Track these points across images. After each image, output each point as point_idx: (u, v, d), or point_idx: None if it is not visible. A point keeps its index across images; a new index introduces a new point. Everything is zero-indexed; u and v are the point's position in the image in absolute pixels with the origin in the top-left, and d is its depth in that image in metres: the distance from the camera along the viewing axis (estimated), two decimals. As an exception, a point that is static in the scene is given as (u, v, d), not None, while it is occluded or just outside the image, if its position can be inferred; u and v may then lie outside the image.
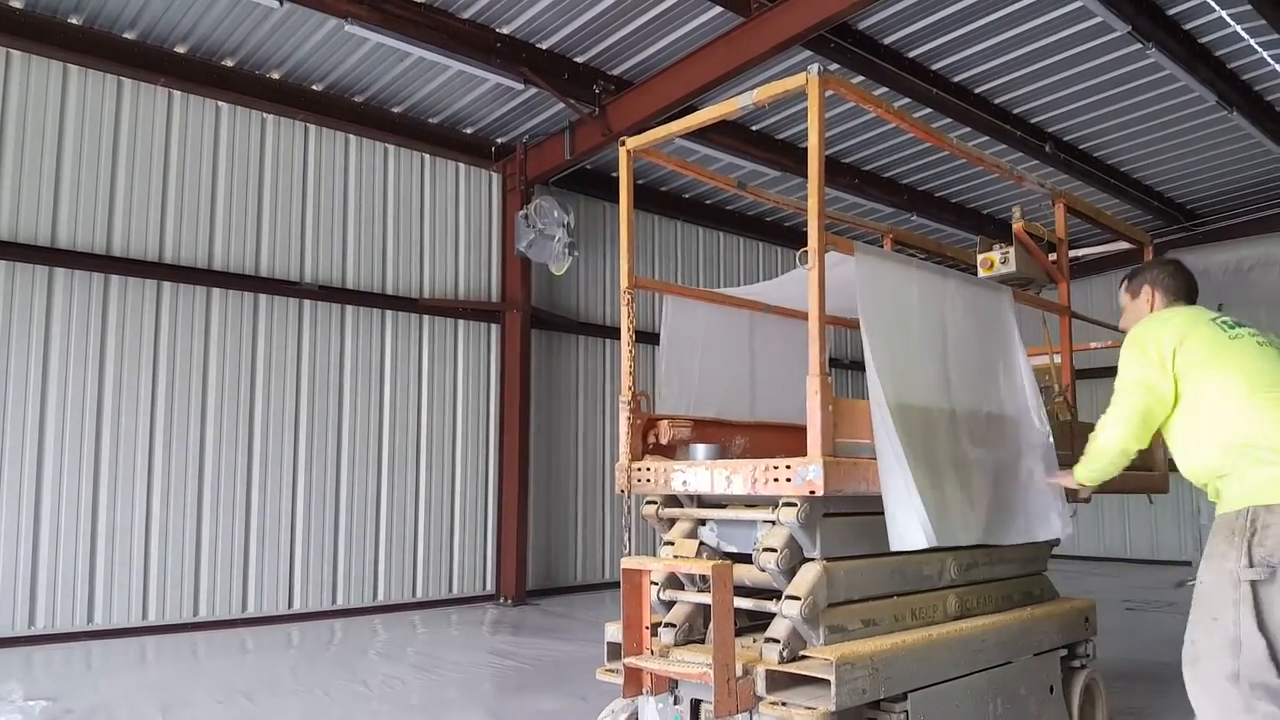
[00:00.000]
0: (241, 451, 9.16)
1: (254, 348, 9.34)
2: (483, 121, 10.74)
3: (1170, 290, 3.76)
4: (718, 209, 13.72)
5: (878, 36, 8.76)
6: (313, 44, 8.87)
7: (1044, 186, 5.12)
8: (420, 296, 10.61)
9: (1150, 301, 3.77)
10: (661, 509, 3.97)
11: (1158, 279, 3.81)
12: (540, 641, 8.18)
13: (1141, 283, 3.84)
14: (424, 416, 10.55)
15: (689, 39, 8.82)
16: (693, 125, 4.13)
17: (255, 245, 9.45)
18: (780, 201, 5.78)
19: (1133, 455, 3.53)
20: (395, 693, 6.18)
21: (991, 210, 13.83)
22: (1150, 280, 3.82)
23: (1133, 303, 3.85)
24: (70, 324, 8.31)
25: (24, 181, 8.18)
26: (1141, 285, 3.83)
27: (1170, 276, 3.80)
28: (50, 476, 8.12)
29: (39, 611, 7.96)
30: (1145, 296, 3.80)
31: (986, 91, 9.89)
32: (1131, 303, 3.86)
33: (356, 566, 9.84)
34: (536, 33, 8.86)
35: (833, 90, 3.62)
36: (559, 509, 11.71)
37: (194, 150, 9.14)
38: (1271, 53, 8.96)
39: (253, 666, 7.26)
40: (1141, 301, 3.81)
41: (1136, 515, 14.54)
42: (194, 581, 8.77)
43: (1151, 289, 3.79)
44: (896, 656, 3.36)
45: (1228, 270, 13.72)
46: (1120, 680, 5.89)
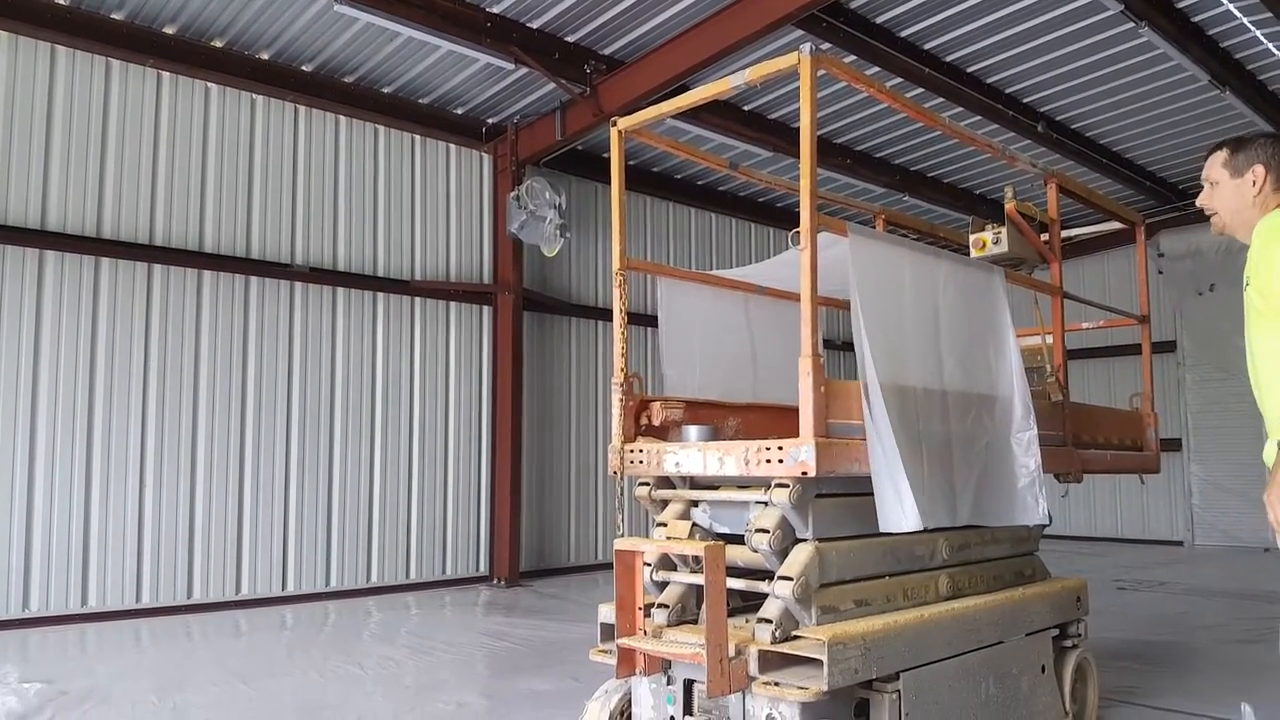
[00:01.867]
0: (234, 433, 9.16)
1: (245, 330, 9.32)
2: (473, 102, 10.69)
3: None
4: (710, 190, 13.69)
5: (870, 16, 8.72)
6: (302, 24, 8.81)
7: (1036, 167, 5.11)
8: (412, 279, 10.58)
9: (1260, 186, 3.08)
10: (654, 490, 3.97)
11: (1274, 157, 3.09)
12: (533, 623, 8.20)
13: (1252, 159, 3.11)
14: (416, 398, 10.55)
15: (680, 18, 8.78)
16: (684, 105, 4.10)
17: (246, 227, 9.42)
18: (772, 182, 5.76)
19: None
20: (389, 674, 6.20)
21: (984, 190, 13.83)
22: (1265, 159, 3.09)
23: (1231, 182, 3.15)
24: (61, 307, 8.28)
25: (13, 164, 8.14)
26: (1251, 163, 3.11)
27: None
28: (43, 459, 8.11)
29: (33, 594, 7.96)
30: (1253, 179, 3.10)
31: (978, 71, 9.87)
32: (1230, 181, 3.15)
33: (350, 548, 9.85)
34: (527, 12, 8.81)
35: (824, 70, 3.60)
36: (552, 491, 11.72)
37: (183, 132, 9.09)
38: (1264, 31, 8.95)
39: (247, 648, 7.27)
40: (1245, 184, 3.11)
41: (1128, 495, 14.59)
42: (188, 564, 8.78)
43: (1266, 170, 3.09)
44: (888, 636, 3.37)
45: (1219, 250, 13.70)
46: (1112, 659, 5.93)
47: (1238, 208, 3.13)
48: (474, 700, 5.54)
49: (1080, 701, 4.65)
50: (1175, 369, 14.21)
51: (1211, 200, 3.22)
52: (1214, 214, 3.22)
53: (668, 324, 4.58)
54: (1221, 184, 3.16)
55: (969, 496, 3.71)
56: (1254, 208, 3.11)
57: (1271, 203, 3.09)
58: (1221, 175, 3.16)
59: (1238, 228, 3.18)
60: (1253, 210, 3.10)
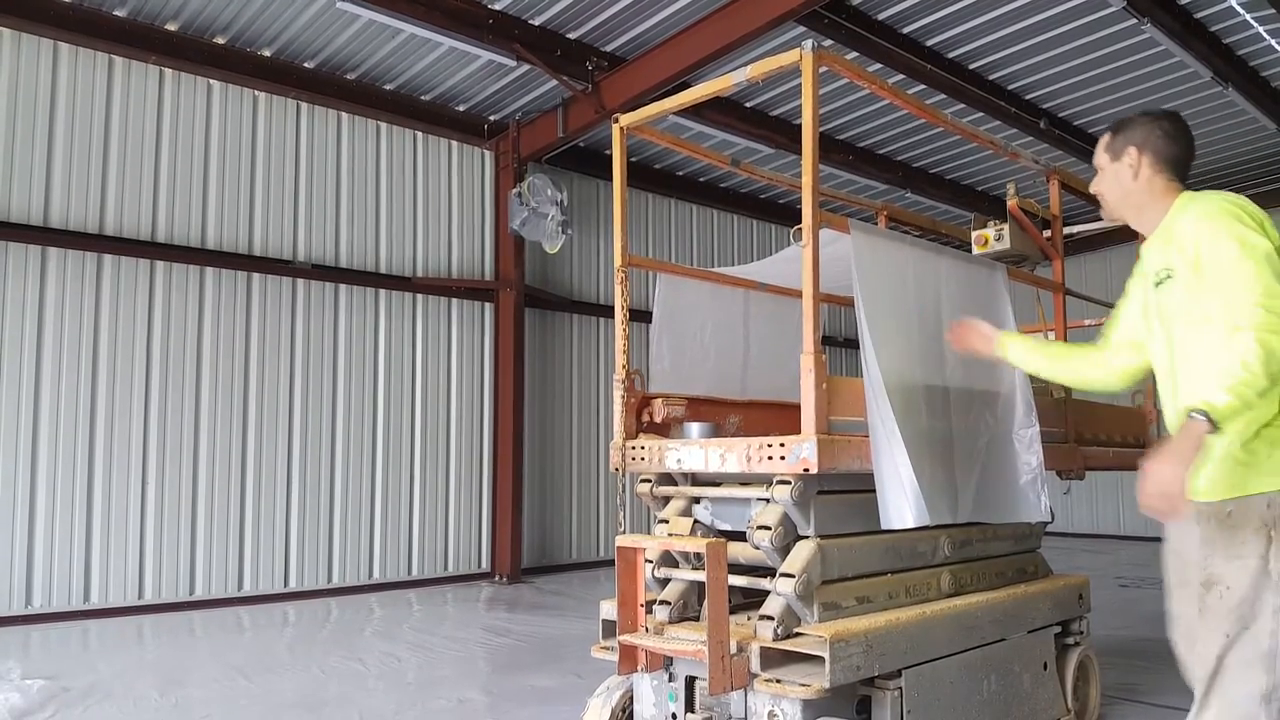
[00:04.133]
0: (236, 430, 9.16)
1: (248, 327, 9.32)
2: (475, 99, 10.69)
3: (1166, 160, 2.88)
4: (711, 186, 13.68)
5: (871, 12, 8.71)
6: (304, 21, 8.81)
7: (1038, 163, 5.10)
8: (414, 275, 10.58)
9: (1136, 170, 2.90)
10: (656, 487, 3.97)
11: (1148, 139, 2.89)
12: (535, 619, 8.21)
13: (1127, 141, 2.92)
14: (419, 395, 10.55)
15: (682, 15, 8.77)
16: (686, 102, 4.10)
17: (248, 224, 9.42)
18: (774, 179, 5.76)
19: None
20: (391, 670, 6.21)
21: (986, 187, 13.81)
22: (1139, 140, 2.90)
23: (1111, 166, 2.97)
24: (64, 304, 8.29)
25: (16, 160, 8.14)
26: (1126, 145, 2.92)
27: (1166, 139, 2.88)
28: (45, 456, 8.12)
29: (36, 591, 7.97)
30: (1130, 161, 2.91)
31: (981, 68, 9.86)
32: (1110, 165, 2.97)
33: (352, 545, 9.86)
34: (529, 9, 8.80)
35: (826, 66, 3.60)
36: (554, 487, 11.73)
37: (186, 128, 9.09)
38: (1267, 28, 8.93)
39: (249, 645, 7.27)
40: (1123, 168, 2.92)
41: (1130, 491, 14.51)
42: (190, 560, 8.79)
43: (1139, 152, 2.89)
44: (890, 634, 3.37)
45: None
46: (1114, 657, 5.93)
47: (1121, 193, 2.96)
48: (475, 696, 5.55)
49: (1082, 699, 4.65)
50: (1177, 366, 14.18)
51: (1099, 185, 3.04)
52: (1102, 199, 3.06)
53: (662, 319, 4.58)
54: (1104, 169, 2.99)
55: (971, 493, 3.71)
56: (1139, 192, 2.92)
57: (1157, 185, 2.88)
58: (1103, 160, 2.99)
59: (1125, 213, 3.01)
60: (1140, 195, 2.92)
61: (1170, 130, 2.89)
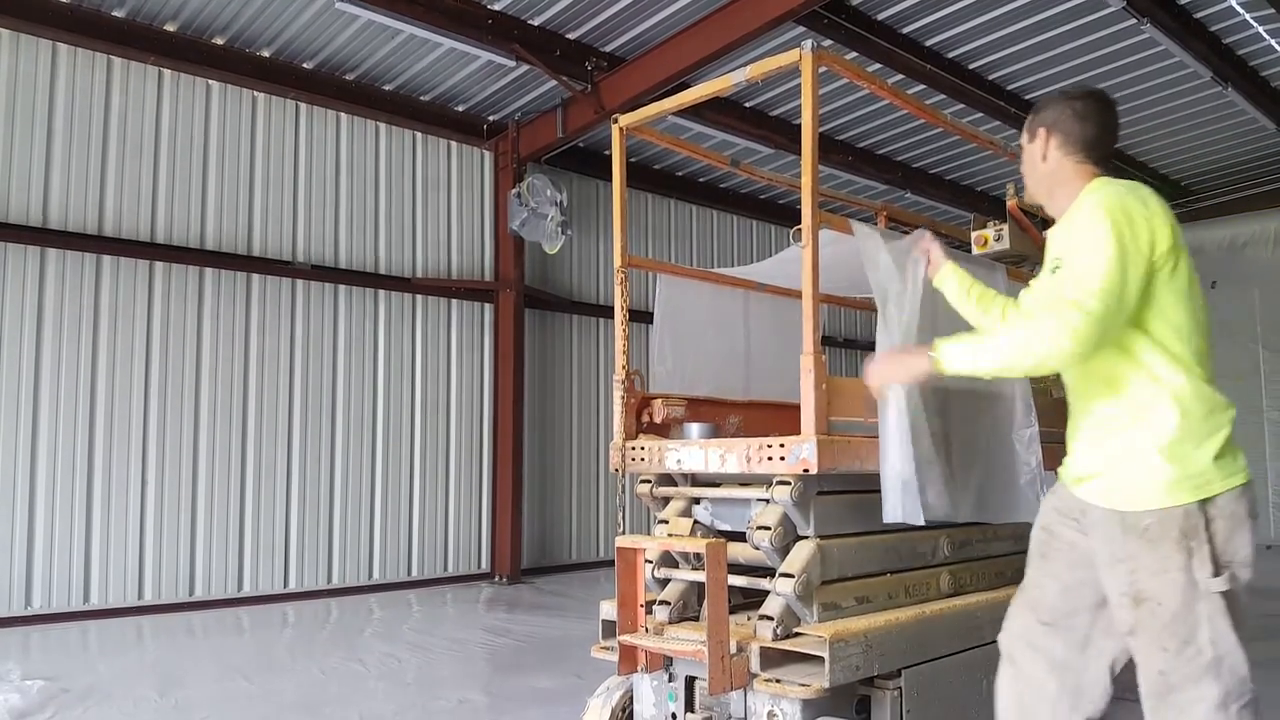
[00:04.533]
0: (236, 430, 9.16)
1: (247, 327, 9.32)
2: (474, 99, 10.69)
3: (1076, 141, 2.72)
4: (711, 187, 13.68)
5: (871, 12, 8.71)
6: (303, 21, 8.80)
7: (1038, 163, 5.09)
8: (413, 276, 10.58)
9: (1044, 151, 2.77)
10: (655, 488, 3.97)
11: (1059, 120, 2.74)
12: (535, 620, 8.21)
13: (1038, 122, 2.79)
14: (418, 396, 10.55)
15: (682, 15, 8.77)
16: (686, 102, 4.10)
17: (247, 224, 9.42)
18: (773, 179, 5.76)
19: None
20: (391, 671, 6.21)
21: (985, 187, 13.81)
22: (1050, 121, 2.76)
23: (1027, 147, 2.84)
24: (62, 304, 8.28)
25: (14, 161, 8.13)
26: (1037, 126, 2.79)
27: (1077, 120, 2.72)
28: (45, 457, 8.11)
29: (35, 591, 7.97)
30: (1040, 143, 2.78)
31: (980, 67, 9.86)
32: (1027, 147, 2.84)
33: (352, 545, 9.85)
34: (528, 9, 8.80)
35: (826, 66, 3.60)
36: (553, 488, 11.73)
37: (184, 129, 9.09)
38: (1267, 28, 8.94)
39: (249, 645, 7.28)
40: (1035, 149, 2.80)
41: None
42: (190, 561, 8.78)
43: (1049, 133, 2.76)
44: (890, 633, 3.37)
45: (1222, 247, 13.73)
46: (1112, 655, 5.92)
47: (1035, 177, 2.82)
48: (476, 697, 5.55)
49: (1082, 698, 4.64)
50: (1177, 366, 14.17)
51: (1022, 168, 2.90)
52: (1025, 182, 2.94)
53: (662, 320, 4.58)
54: (1023, 149, 2.85)
55: (971, 493, 3.71)
56: (1048, 175, 2.78)
57: (1067, 168, 2.73)
58: (1024, 140, 2.85)
59: (1039, 196, 2.87)
60: (1049, 178, 2.78)
61: (1082, 110, 2.73)
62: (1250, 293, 13.57)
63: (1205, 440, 2.47)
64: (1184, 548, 2.45)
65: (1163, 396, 2.49)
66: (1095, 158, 2.73)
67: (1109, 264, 2.41)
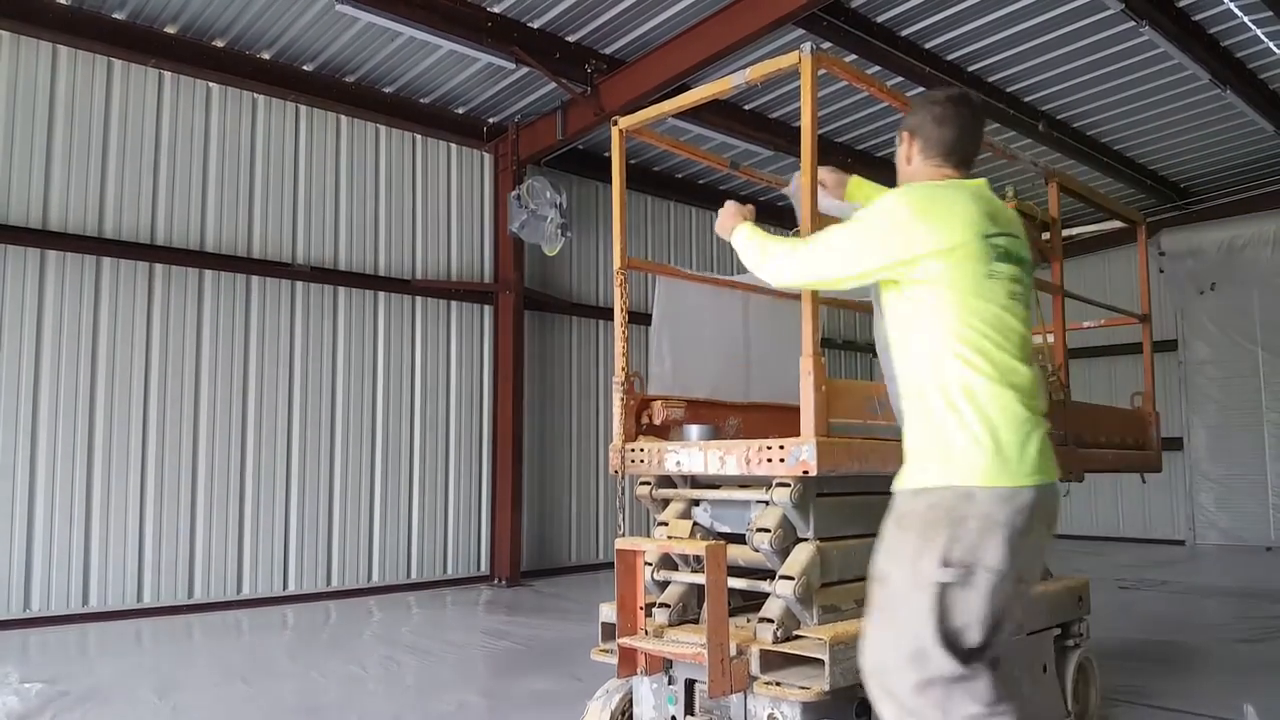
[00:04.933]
0: (235, 432, 9.16)
1: (246, 329, 9.32)
2: (474, 101, 10.69)
3: (934, 145, 2.80)
4: (711, 189, 13.67)
5: (870, 15, 8.72)
6: (303, 24, 8.81)
7: (1037, 165, 5.10)
8: (413, 278, 10.58)
9: (908, 154, 2.86)
10: (655, 490, 3.97)
11: (920, 124, 2.82)
12: (534, 622, 8.20)
13: (904, 125, 2.88)
14: (417, 398, 10.55)
15: (681, 17, 8.77)
16: (685, 104, 4.11)
17: (247, 227, 9.42)
18: (773, 181, 5.76)
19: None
20: (390, 674, 6.20)
21: (985, 189, 13.79)
22: (912, 124, 2.85)
23: (898, 150, 2.92)
24: (62, 306, 8.28)
25: (14, 163, 8.14)
26: (903, 129, 2.88)
27: (935, 124, 2.79)
28: (44, 459, 8.11)
29: (34, 594, 7.96)
30: (905, 147, 2.87)
31: (979, 70, 9.87)
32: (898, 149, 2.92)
33: (351, 548, 9.85)
34: (528, 12, 8.81)
35: (825, 69, 3.60)
36: (553, 490, 11.72)
37: (185, 131, 9.09)
38: (1265, 30, 8.94)
39: (248, 648, 7.27)
40: (901, 153, 2.89)
41: (1129, 493, 14.58)
42: (189, 563, 8.78)
43: (910, 138, 2.85)
44: (890, 636, 3.37)
45: (1221, 248, 13.73)
46: (1114, 659, 5.92)
47: (901, 178, 2.88)
48: (475, 700, 5.54)
49: (1082, 701, 4.64)
50: (1176, 368, 14.18)
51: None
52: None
53: (661, 321, 4.58)
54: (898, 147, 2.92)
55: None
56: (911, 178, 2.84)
57: (924, 172, 2.81)
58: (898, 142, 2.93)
59: None
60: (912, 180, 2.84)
61: (940, 115, 2.79)
62: (1249, 295, 13.58)
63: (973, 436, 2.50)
64: (921, 534, 2.50)
65: (937, 391, 2.57)
66: (955, 161, 2.80)
67: (852, 236, 2.71)
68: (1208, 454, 13.98)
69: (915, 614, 2.49)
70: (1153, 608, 8.51)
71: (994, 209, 2.69)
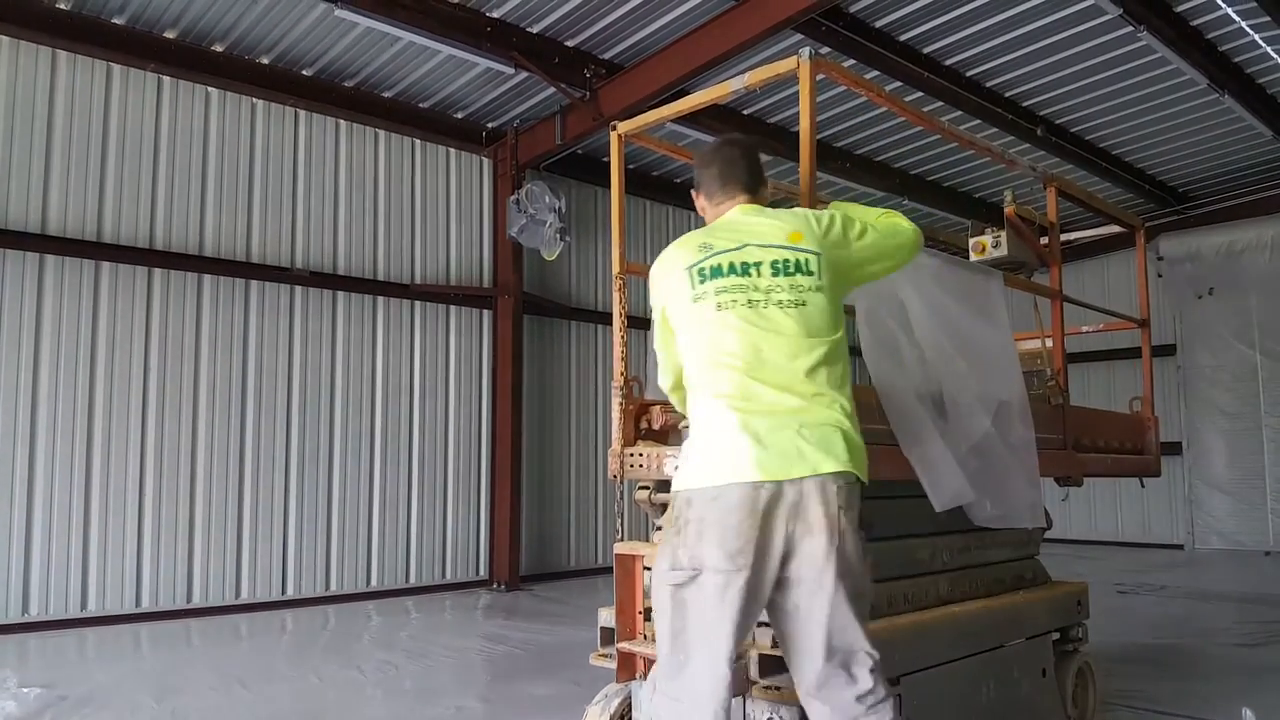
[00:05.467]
0: (234, 437, 9.15)
1: (245, 334, 9.32)
2: (473, 106, 10.70)
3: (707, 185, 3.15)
4: (710, 193, 13.66)
5: (869, 20, 8.73)
6: (302, 28, 8.82)
7: (1036, 170, 5.11)
8: (412, 282, 10.59)
9: (700, 206, 3.23)
10: (654, 494, 3.96)
11: (697, 178, 3.18)
12: (533, 626, 8.19)
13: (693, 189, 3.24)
14: (416, 402, 10.55)
15: (680, 23, 8.78)
16: (684, 109, 4.11)
17: (246, 231, 9.42)
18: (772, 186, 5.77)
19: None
20: (389, 678, 6.19)
21: (983, 194, 13.83)
22: (694, 184, 3.22)
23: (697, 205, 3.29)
24: (61, 311, 8.28)
25: (14, 168, 8.14)
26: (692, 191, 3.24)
27: (703, 167, 3.15)
28: (43, 463, 8.11)
29: (33, 598, 7.95)
30: (698, 202, 3.24)
31: (978, 75, 9.88)
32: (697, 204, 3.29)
33: (350, 552, 9.84)
34: (527, 16, 8.82)
35: (824, 74, 3.61)
36: (552, 495, 11.72)
37: (184, 136, 9.10)
38: (1263, 35, 8.95)
39: (247, 652, 7.26)
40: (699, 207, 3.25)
41: (1128, 498, 14.59)
42: (187, 568, 8.77)
43: (697, 194, 3.20)
44: (889, 640, 3.36)
45: (1220, 253, 13.74)
46: (1113, 663, 5.92)
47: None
48: (473, 705, 5.54)
49: (1081, 706, 4.65)
50: (1175, 372, 14.19)
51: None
52: None
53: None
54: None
55: (967, 499, 3.70)
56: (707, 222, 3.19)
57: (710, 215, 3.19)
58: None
59: None
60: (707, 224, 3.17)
61: (705, 158, 3.17)
62: (1248, 299, 13.58)
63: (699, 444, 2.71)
64: (669, 534, 2.69)
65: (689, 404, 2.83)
66: (731, 191, 3.08)
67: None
68: (1207, 459, 13.98)
69: (660, 613, 2.66)
70: (1152, 612, 8.51)
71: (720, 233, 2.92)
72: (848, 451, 2.61)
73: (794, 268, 2.77)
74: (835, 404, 2.66)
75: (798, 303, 2.72)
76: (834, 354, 2.73)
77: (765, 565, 2.56)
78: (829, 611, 2.58)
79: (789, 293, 2.73)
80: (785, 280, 2.75)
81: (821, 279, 2.77)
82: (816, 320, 2.72)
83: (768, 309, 2.71)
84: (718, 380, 2.68)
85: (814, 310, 2.73)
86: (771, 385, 2.64)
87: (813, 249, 2.81)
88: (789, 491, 2.55)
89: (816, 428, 2.61)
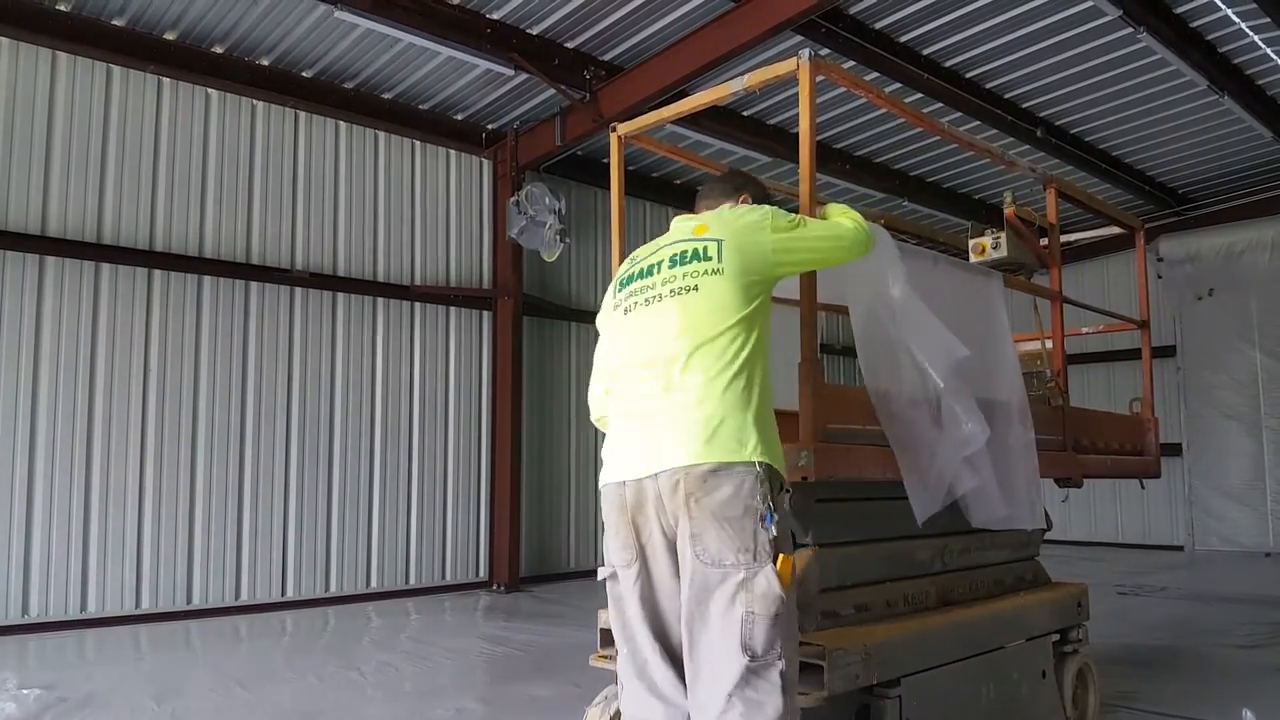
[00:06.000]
0: (234, 438, 9.15)
1: (245, 335, 9.32)
2: (473, 108, 10.70)
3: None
4: (710, 195, 13.66)
5: (869, 21, 8.73)
6: (302, 30, 8.82)
7: (1035, 171, 5.11)
8: (412, 284, 10.58)
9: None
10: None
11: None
12: (533, 628, 8.19)
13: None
14: (416, 403, 10.54)
15: (680, 24, 8.79)
16: (684, 111, 4.12)
17: (246, 232, 9.42)
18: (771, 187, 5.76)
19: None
20: (389, 679, 6.19)
21: (983, 195, 13.83)
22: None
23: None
24: (61, 312, 8.28)
25: (13, 169, 8.14)
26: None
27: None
28: (43, 464, 8.10)
29: (32, 599, 7.95)
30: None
31: (978, 76, 9.88)
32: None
33: (350, 553, 9.84)
34: (527, 18, 8.82)
35: (824, 75, 3.61)
36: (552, 496, 11.71)
37: (184, 137, 9.10)
38: (1262, 37, 8.95)
39: (246, 654, 7.26)
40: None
41: (1128, 499, 14.58)
42: (187, 569, 8.77)
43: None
44: (889, 642, 3.37)
45: (1219, 254, 13.74)
46: (1113, 664, 5.92)
47: None
48: (473, 706, 5.54)
49: (1081, 707, 4.65)
50: (1175, 373, 14.19)
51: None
52: None
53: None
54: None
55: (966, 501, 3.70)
56: None
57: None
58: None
59: None
60: None
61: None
62: (1248, 300, 13.58)
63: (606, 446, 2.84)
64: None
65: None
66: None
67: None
68: (1207, 460, 13.97)
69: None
70: (1151, 613, 8.51)
71: (650, 244, 2.97)
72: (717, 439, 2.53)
73: (690, 256, 2.76)
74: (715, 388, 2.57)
75: (688, 288, 2.69)
76: (730, 336, 2.62)
77: (654, 559, 2.63)
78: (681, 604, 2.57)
79: (681, 280, 2.72)
80: (680, 269, 2.75)
81: (721, 262, 2.70)
82: (711, 302, 2.66)
83: (661, 302, 2.73)
84: (618, 382, 2.83)
85: (708, 293, 2.67)
86: (650, 379, 2.65)
87: (715, 236, 2.78)
88: (649, 487, 2.59)
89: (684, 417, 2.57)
